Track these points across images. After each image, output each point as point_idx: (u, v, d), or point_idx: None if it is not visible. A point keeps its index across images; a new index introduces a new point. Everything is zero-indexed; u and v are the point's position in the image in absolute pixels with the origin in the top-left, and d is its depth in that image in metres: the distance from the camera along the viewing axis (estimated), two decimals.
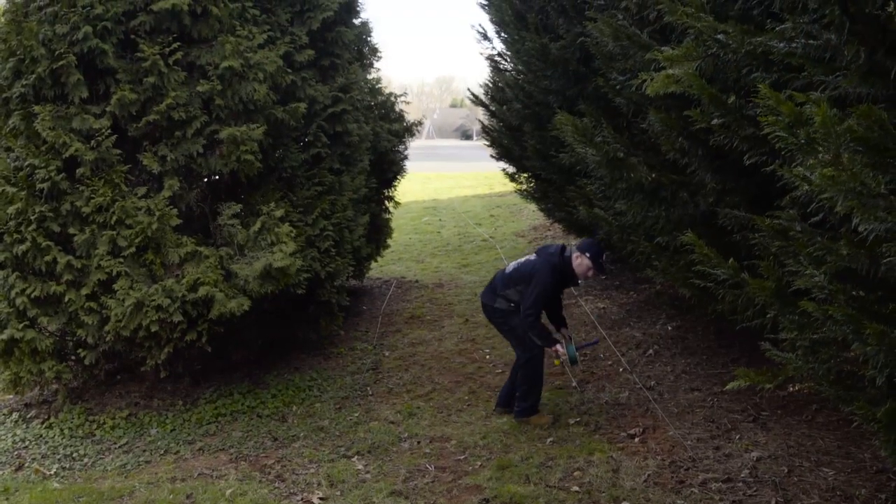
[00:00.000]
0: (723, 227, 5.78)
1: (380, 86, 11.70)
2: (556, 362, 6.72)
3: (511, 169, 14.05)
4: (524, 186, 13.49)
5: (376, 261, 12.21)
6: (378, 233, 11.69)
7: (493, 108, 13.81)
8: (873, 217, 3.24)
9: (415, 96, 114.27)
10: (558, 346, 6.64)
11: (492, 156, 14.79)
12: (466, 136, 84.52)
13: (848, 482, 5.45)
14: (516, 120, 11.90)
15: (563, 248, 6.86)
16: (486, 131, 14.76)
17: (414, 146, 12.87)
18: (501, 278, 7.05)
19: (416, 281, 13.00)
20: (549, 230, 15.77)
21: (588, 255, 6.52)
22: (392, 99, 11.92)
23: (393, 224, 12.68)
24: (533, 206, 15.54)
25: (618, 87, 6.70)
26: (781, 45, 3.84)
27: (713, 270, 5.21)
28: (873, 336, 3.68)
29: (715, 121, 4.75)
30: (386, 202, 12.15)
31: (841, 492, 5.35)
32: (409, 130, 12.22)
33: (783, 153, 3.65)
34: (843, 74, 3.60)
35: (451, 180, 28.93)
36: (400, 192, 12.60)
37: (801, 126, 3.38)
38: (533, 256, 6.96)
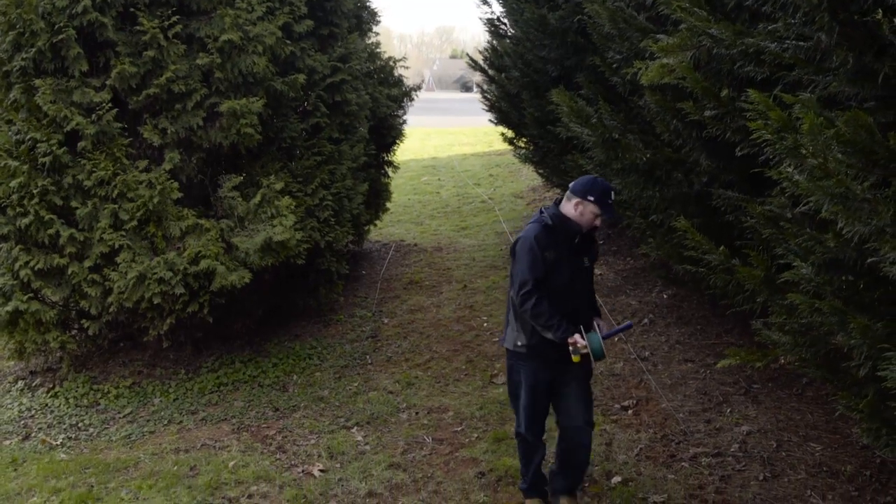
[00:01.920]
0: (716, 208, 5.87)
1: (379, 50, 11.69)
2: (576, 358, 4.87)
3: (510, 133, 14.05)
4: (523, 151, 13.50)
5: (375, 225, 12.28)
6: (377, 197, 11.75)
7: (492, 74, 13.80)
8: (857, 220, 3.34)
9: (414, 46, 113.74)
10: (577, 337, 4.75)
11: (490, 120, 14.79)
12: (466, 87, 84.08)
13: (834, 458, 5.60)
14: (514, 88, 11.91)
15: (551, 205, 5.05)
16: (484, 96, 14.76)
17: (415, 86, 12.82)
18: (507, 304, 5.24)
19: (415, 244, 13.09)
20: (548, 192, 15.80)
21: (591, 198, 4.74)
22: (391, 63, 11.92)
23: (392, 184, 12.73)
24: (532, 167, 15.58)
25: (614, 65, 6.75)
26: (773, 45, 3.91)
27: (704, 256, 5.31)
28: (857, 329, 3.79)
29: (708, 112, 4.83)
30: (385, 167, 12.21)
31: (827, 467, 5.50)
32: (408, 95, 12.24)
33: (771, 157, 3.74)
34: (833, 75, 3.67)
35: (451, 136, 28.92)
36: (399, 150, 12.61)
37: (789, 131, 3.45)
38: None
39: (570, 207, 4.82)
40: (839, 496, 5.18)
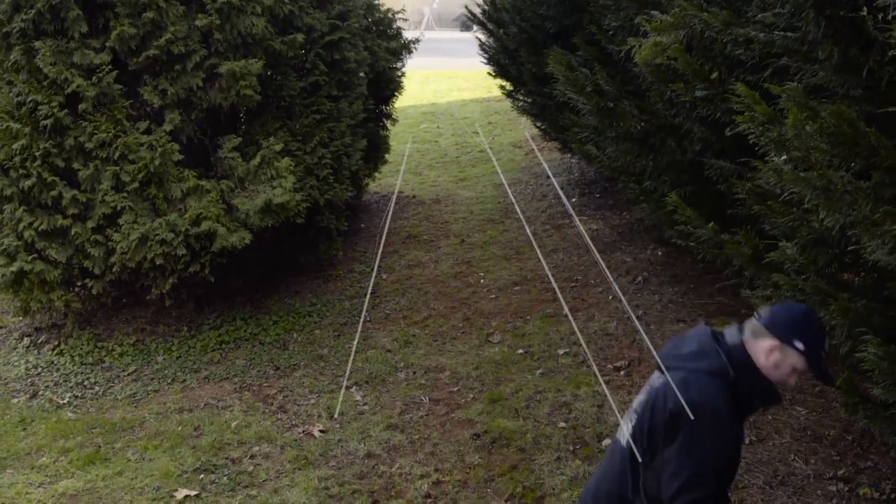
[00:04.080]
0: (708, 177, 5.97)
1: (377, 2, 11.66)
2: None
3: (508, 86, 14.03)
4: (521, 103, 13.50)
5: (374, 178, 12.34)
6: (376, 150, 11.78)
7: (491, 28, 13.74)
8: (837, 212, 3.46)
9: None
10: None
11: (489, 73, 14.75)
12: (466, 26, 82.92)
13: (818, 422, 5.78)
14: (513, 44, 11.90)
15: (725, 335, 3.21)
16: (482, 48, 14.71)
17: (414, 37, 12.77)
18: (620, 463, 3.31)
19: (414, 196, 13.16)
20: (546, 142, 15.80)
21: (800, 345, 2.99)
22: (390, 16, 11.89)
23: (392, 131, 12.73)
24: (531, 119, 15.56)
25: (610, 32, 6.80)
26: (762, 35, 3.99)
27: (695, 230, 5.44)
28: (838, 310, 3.93)
29: (699, 93, 4.91)
30: (384, 119, 12.23)
31: (811, 431, 5.68)
32: (407, 47, 12.22)
33: (757, 149, 3.85)
34: (820, 65, 3.76)
35: (450, 80, 28.72)
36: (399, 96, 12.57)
37: (774, 123, 3.55)
38: (659, 380, 3.22)
39: (758, 350, 3.08)
40: (821, 460, 5.37)
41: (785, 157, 3.62)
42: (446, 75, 29.70)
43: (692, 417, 2.89)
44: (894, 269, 3.62)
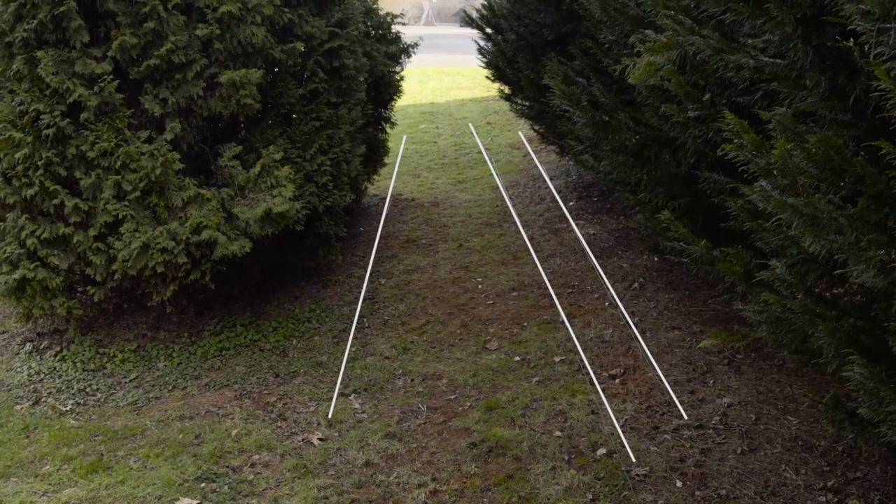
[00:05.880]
0: (702, 190, 6.06)
1: (376, 6, 11.75)
2: None
3: (507, 90, 14.12)
4: (520, 107, 13.58)
5: (372, 182, 12.42)
6: (375, 153, 11.89)
7: (489, 32, 13.82)
8: (823, 238, 3.54)
9: None
10: None
11: (487, 77, 14.83)
12: (466, 22, 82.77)
13: (810, 432, 5.87)
14: (511, 51, 11.99)
15: None
16: (481, 53, 14.79)
17: (413, 35, 12.82)
18: None
19: (412, 199, 13.24)
20: (543, 145, 15.89)
21: None
22: (388, 20, 11.98)
23: (390, 133, 12.80)
24: (529, 122, 15.63)
25: (606, 45, 6.88)
26: (752, 62, 4.07)
27: (687, 247, 5.52)
28: (825, 330, 4.02)
29: (691, 114, 5.00)
30: (383, 122, 12.32)
31: (802, 441, 5.77)
32: (406, 51, 12.32)
33: (745, 176, 3.94)
34: (808, 91, 3.85)
35: (449, 79, 28.78)
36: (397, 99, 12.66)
37: (762, 151, 3.64)
38: None
39: None
40: (812, 470, 5.46)
41: (773, 179, 3.71)
42: (446, 73, 29.72)
43: None
44: (881, 290, 3.71)
